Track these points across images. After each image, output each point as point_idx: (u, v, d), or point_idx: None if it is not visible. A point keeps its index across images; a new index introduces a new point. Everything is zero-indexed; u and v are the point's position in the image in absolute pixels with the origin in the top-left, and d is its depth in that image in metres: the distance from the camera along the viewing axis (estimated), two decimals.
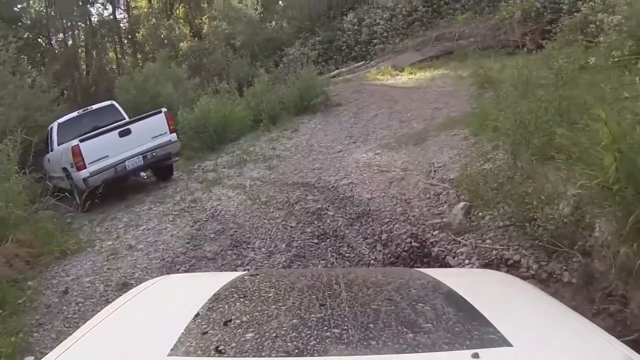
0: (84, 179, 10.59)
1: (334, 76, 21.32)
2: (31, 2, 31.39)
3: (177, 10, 37.72)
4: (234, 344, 1.56)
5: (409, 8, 22.55)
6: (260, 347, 1.53)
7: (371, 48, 23.11)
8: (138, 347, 1.70)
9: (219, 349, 1.53)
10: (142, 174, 11.42)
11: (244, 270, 6.80)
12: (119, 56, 35.64)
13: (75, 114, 12.84)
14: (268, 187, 9.70)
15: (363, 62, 22.53)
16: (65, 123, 12.54)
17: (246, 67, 23.08)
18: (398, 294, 2.06)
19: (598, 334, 1.72)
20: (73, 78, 31.20)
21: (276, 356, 1.48)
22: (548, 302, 2.21)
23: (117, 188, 11.49)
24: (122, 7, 37.36)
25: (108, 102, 13.45)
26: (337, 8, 24.97)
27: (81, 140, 10.68)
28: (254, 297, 2.09)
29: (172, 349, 1.53)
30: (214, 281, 2.44)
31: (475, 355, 1.40)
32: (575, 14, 16.30)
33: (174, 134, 11.50)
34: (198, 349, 1.55)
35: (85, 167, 10.62)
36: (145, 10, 36.72)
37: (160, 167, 12.02)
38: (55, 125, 12.60)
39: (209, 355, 1.51)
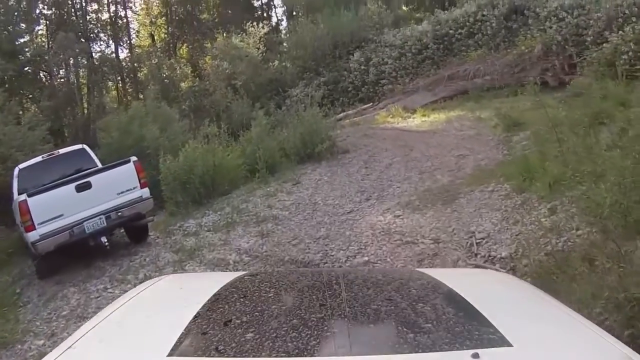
0: (33, 243, 8.14)
1: (340, 119, 18.87)
2: (33, 36, 30.00)
3: (180, 49, 35.89)
4: (234, 344, 1.51)
5: (418, 46, 20.09)
6: (260, 347, 1.47)
7: (379, 89, 20.58)
8: (138, 347, 1.61)
9: (219, 349, 1.47)
10: (104, 239, 8.76)
11: None
12: (121, 95, 34.05)
13: (39, 158, 10.30)
14: (258, 265, 7.15)
15: (371, 103, 20.06)
16: (27, 169, 9.96)
17: (246, 108, 20.71)
18: (398, 294, 2.01)
19: (598, 334, 1.62)
20: (74, 115, 29.33)
21: (276, 356, 1.43)
22: (548, 302, 2.07)
23: (85, 248, 9.01)
24: (125, 45, 35.89)
25: (78, 146, 10.87)
26: (342, 47, 22.52)
27: (30, 195, 8.24)
28: (254, 297, 2.04)
29: (172, 349, 1.46)
30: (214, 281, 2.36)
31: (475, 355, 1.32)
32: (603, 45, 14.06)
33: (146, 189, 8.97)
34: (198, 349, 1.51)
35: (35, 228, 8.18)
36: (147, 49, 35.00)
37: (132, 227, 9.50)
38: (15, 171, 10.10)
39: (209, 355, 1.45)
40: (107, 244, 8.68)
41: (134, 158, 9.03)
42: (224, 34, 29.61)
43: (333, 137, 12.60)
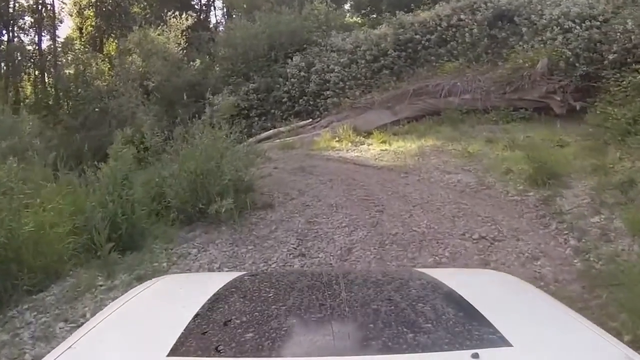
0: None
1: (268, 137, 13.03)
2: None
3: (107, 45, 29.45)
4: (234, 344, 1.37)
5: (375, 52, 14.30)
6: (260, 347, 1.33)
7: (321, 102, 14.63)
8: (138, 347, 1.45)
9: (219, 349, 1.33)
10: None
11: None
12: (37, 90, 27.78)
13: None
14: None
15: (310, 120, 14.16)
16: None
17: (154, 117, 14.70)
18: (398, 294, 1.85)
19: (598, 334, 1.47)
20: None
21: (276, 356, 1.31)
22: (548, 302, 1.90)
23: None
24: (49, 36, 29.67)
25: None
26: (280, 49, 16.50)
27: None
28: (254, 297, 1.86)
29: (172, 349, 1.31)
30: (214, 281, 2.18)
31: (475, 355, 1.19)
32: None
33: None
34: (198, 349, 1.36)
35: None
36: (69, 41, 28.74)
37: None
38: None
39: (209, 355, 1.31)
40: None
41: None
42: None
43: (249, 179, 6.67)
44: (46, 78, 28.64)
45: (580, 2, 11.83)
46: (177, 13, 19.83)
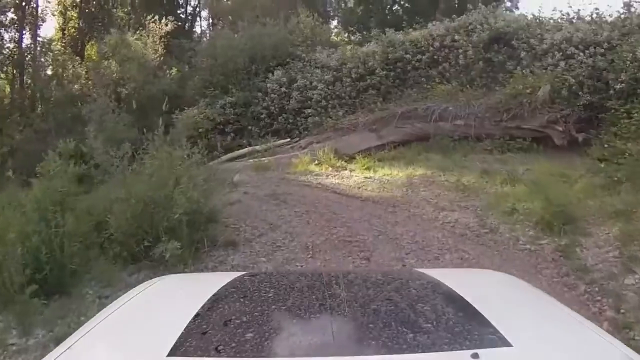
0: None
1: (242, 155, 11.89)
2: None
3: (89, 47, 28.12)
4: (233, 344, 1.32)
5: (362, 70, 13.25)
6: (260, 347, 1.30)
7: (302, 121, 13.44)
8: (138, 347, 1.39)
9: (219, 349, 1.29)
10: None
11: None
12: (16, 92, 26.50)
13: None
14: None
15: (289, 139, 12.99)
16: None
17: (124, 127, 13.56)
18: (398, 294, 1.81)
19: (598, 334, 1.45)
20: None
21: (276, 356, 1.28)
22: (548, 302, 1.87)
23: None
24: (31, 34, 28.21)
25: None
26: (262, 62, 15.26)
27: None
28: (254, 297, 1.81)
29: (171, 349, 1.26)
30: (214, 281, 2.05)
31: (475, 355, 1.16)
32: None
33: None
34: (198, 349, 1.31)
35: None
36: (55, 42, 27.38)
37: None
38: None
39: (208, 355, 1.27)
40: None
41: None
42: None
43: (209, 212, 5.46)
44: (25, 78, 27.36)
45: (583, 27, 10.95)
46: (156, 17, 18.58)
